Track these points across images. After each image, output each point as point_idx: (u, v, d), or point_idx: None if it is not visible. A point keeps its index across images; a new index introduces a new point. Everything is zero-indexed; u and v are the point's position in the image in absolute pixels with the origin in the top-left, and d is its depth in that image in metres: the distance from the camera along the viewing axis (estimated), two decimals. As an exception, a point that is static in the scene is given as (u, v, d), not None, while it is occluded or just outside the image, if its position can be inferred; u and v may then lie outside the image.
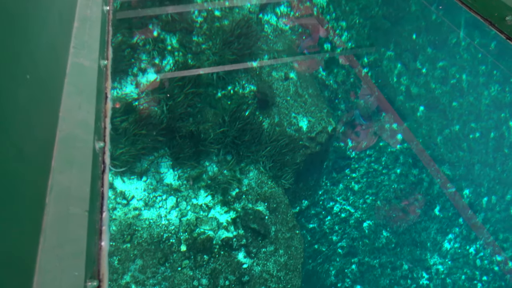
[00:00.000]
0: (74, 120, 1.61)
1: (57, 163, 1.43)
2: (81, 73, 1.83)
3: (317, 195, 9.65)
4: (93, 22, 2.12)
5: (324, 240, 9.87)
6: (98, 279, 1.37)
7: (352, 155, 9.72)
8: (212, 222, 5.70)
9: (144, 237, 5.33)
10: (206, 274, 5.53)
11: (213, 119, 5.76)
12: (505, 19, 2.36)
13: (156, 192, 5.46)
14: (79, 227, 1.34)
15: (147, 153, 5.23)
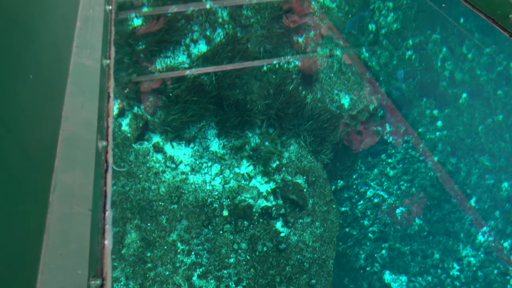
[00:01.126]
0: (77, 120, 1.60)
1: (60, 162, 1.42)
2: (84, 73, 1.82)
3: (351, 179, 9.69)
4: (95, 22, 2.11)
5: (355, 224, 9.92)
6: (102, 277, 1.36)
7: (390, 139, 9.64)
8: (252, 190, 5.96)
9: (190, 200, 5.67)
10: (245, 239, 5.82)
11: (258, 91, 5.96)
12: (509, 16, 2.31)
13: (202, 159, 5.77)
14: (82, 226, 1.33)
15: (196, 121, 5.53)
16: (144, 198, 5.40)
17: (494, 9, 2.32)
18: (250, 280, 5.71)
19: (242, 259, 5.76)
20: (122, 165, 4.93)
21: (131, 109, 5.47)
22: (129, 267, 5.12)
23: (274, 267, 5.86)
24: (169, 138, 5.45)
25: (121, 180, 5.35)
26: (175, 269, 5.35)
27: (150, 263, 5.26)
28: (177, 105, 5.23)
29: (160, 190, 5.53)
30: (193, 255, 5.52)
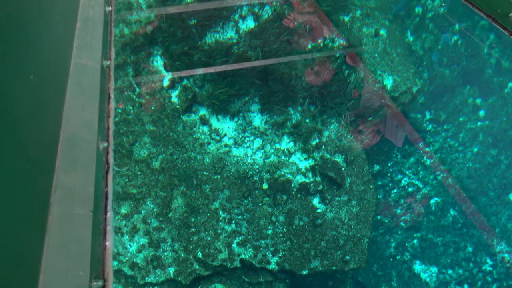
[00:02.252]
0: (77, 121, 1.61)
1: (61, 163, 1.43)
2: (84, 74, 1.84)
3: (386, 166, 9.68)
4: (95, 23, 2.13)
5: (387, 212, 9.94)
6: (103, 278, 1.37)
7: (429, 127, 9.54)
8: (292, 166, 6.18)
9: (232, 171, 5.97)
10: (283, 212, 6.07)
11: (302, 68, 6.12)
12: (509, 15, 2.29)
13: (245, 133, 6.04)
14: (83, 227, 1.34)
15: (242, 95, 5.78)
16: (190, 167, 5.76)
17: (494, 8, 2.33)
18: (286, 251, 5.97)
19: (279, 231, 6.03)
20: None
21: (181, 82, 5.80)
22: (175, 230, 5.51)
23: (310, 241, 6.09)
24: (215, 111, 5.75)
25: (169, 149, 5.72)
26: (217, 236, 5.69)
27: (193, 228, 5.63)
28: (225, 79, 5.49)
29: (205, 160, 5.86)
30: (233, 224, 5.84)
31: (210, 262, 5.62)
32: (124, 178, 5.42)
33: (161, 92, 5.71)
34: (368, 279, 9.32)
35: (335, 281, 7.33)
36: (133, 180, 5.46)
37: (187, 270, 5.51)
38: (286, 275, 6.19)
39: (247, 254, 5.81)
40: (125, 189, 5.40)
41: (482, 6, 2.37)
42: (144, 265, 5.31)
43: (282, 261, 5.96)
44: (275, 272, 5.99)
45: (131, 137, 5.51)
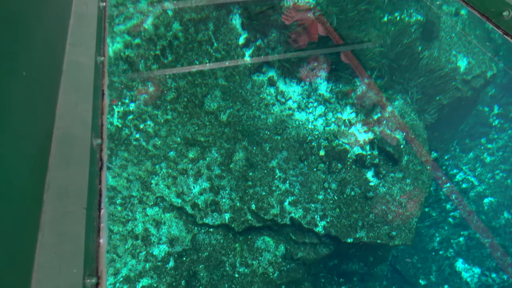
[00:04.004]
0: (71, 118, 1.65)
1: (54, 160, 1.47)
2: (78, 70, 1.89)
3: (442, 158, 9.67)
4: (89, 19, 2.18)
5: (436, 205, 9.98)
6: (97, 276, 1.41)
7: (495, 123, 9.38)
8: (351, 137, 6.51)
9: (292, 134, 6.43)
10: (336, 180, 6.46)
11: (375, 40, 6.35)
12: (502, 14, 2.30)
13: (309, 99, 6.43)
14: (77, 225, 1.38)
15: (312, 60, 6.15)
16: (253, 124, 6.28)
17: (487, 7, 2.38)
18: (334, 218, 6.39)
19: (330, 198, 6.44)
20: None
21: (255, 41, 6.27)
22: (233, 180, 6.11)
23: (359, 212, 6.46)
24: (284, 73, 6.18)
25: (237, 105, 6.26)
26: (271, 192, 6.22)
27: (250, 182, 6.19)
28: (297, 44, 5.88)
29: (268, 120, 6.35)
30: (288, 184, 6.33)
31: (262, 215, 6.18)
32: (194, 126, 6.07)
33: (236, 50, 6.23)
34: (407, 269, 9.53)
35: (376, 258, 7.67)
36: (202, 129, 6.09)
37: (241, 219, 6.12)
38: (331, 241, 6.63)
39: (297, 214, 6.31)
40: (194, 136, 6.05)
41: (476, 4, 2.44)
42: (204, 207, 5.98)
43: (329, 226, 6.40)
44: (321, 235, 6.45)
45: (204, 88, 6.11)
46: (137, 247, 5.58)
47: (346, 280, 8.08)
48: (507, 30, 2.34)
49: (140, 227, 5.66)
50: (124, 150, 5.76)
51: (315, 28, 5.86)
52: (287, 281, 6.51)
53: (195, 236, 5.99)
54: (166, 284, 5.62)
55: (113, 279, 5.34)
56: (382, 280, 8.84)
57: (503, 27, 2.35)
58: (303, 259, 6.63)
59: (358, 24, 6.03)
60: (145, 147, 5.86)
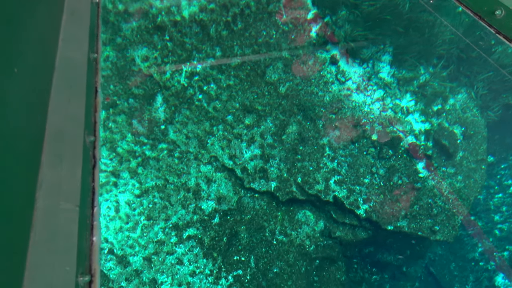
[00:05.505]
0: (63, 115, 1.70)
1: (47, 158, 1.51)
2: (71, 67, 1.92)
3: (497, 167, 9.55)
4: (82, 15, 2.23)
5: (484, 215, 9.89)
6: (90, 274, 1.45)
7: None
8: (407, 125, 6.73)
9: (347, 115, 6.76)
10: (385, 166, 6.74)
11: (447, 28, 6.46)
12: (495, 13, 2.38)
13: (370, 81, 6.71)
14: (70, 222, 1.42)
15: (378, 42, 6.40)
16: (310, 100, 6.68)
17: (480, 6, 2.48)
18: (377, 203, 6.71)
19: (375, 183, 6.75)
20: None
21: (323, 18, 6.61)
22: (284, 151, 6.58)
23: (403, 201, 6.71)
24: (347, 53, 6.48)
25: (297, 79, 6.67)
26: (318, 168, 6.64)
27: (300, 155, 6.64)
28: (368, 22, 6.14)
29: (325, 98, 6.72)
30: (336, 163, 6.71)
31: (307, 190, 6.63)
32: (253, 94, 6.57)
33: (303, 25, 6.61)
34: (442, 274, 9.65)
35: (413, 252, 7.91)
36: (261, 98, 6.58)
37: (286, 189, 6.61)
38: (370, 226, 6.97)
39: (341, 193, 6.69)
40: (252, 104, 6.57)
41: (469, 3, 2.54)
42: (252, 172, 6.53)
43: (371, 210, 6.73)
44: (361, 218, 6.80)
45: (268, 59, 6.57)
46: (188, 199, 6.25)
47: (379, 271, 8.40)
48: (499, 29, 2.48)
49: (193, 181, 6.32)
50: (186, 109, 6.40)
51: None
52: (322, 256, 6.97)
53: (241, 199, 6.57)
54: (209, 237, 6.27)
55: (164, 224, 6.05)
56: (414, 281, 9.06)
57: (496, 26, 2.48)
58: (341, 238, 7.04)
59: (429, 10, 6.17)
60: (206, 108, 6.47)
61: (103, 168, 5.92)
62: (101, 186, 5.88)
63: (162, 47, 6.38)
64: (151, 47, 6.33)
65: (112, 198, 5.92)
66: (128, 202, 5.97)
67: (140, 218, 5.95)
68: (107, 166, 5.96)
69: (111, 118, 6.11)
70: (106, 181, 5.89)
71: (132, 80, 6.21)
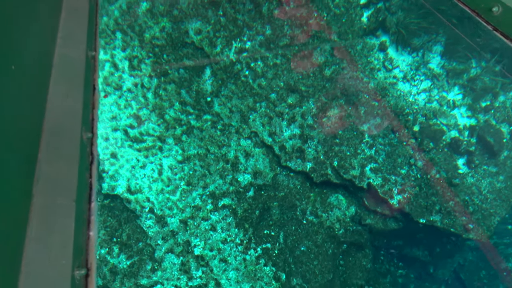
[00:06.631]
0: (61, 111, 1.76)
1: (44, 153, 1.58)
2: (69, 64, 1.99)
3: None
4: (80, 13, 2.31)
5: (523, 223, 9.74)
6: (87, 267, 1.51)
7: None
8: (451, 119, 6.84)
9: (390, 103, 6.95)
10: (424, 159, 6.90)
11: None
12: (492, 10, 2.46)
13: (418, 71, 6.85)
14: (66, 217, 1.48)
15: (431, 31, 6.52)
16: (354, 85, 6.92)
17: (477, 3, 2.56)
18: (412, 195, 6.91)
19: (412, 175, 6.95)
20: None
21: (376, 3, 6.79)
22: (322, 134, 6.89)
23: (439, 196, 6.89)
24: (398, 40, 6.65)
25: (343, 63, 6.92)
26: (355, 154, 6.91)
27: (338, 139, 6.93)
28: (422, 9, 6.27)
29: (370, 84, 6.93)
30: (374, 150, 6.95)
31: (342, 174, 6.94)
32: (298, 74, 6.89)
33: (355, 9, 6.82)
34: (471, 281, 9.70)
35: (443, 250, 8.06)
36: (305, 79, 6.90)
37: (321, 171, 6.94)
38: (402, 217, 7.20)
39: (376, 181, 6.95)
40: (296, 84, 6.90)
41: (467, 0, 2.63)
42: (290, 151, 6.90)
43: (404, 202, 6.95)
44: (394, 208, 7.03)
45: (316, 41, 6.86)
46: (226, 170, 6.73)
47: (405, 266, 8.62)
48: (496, 26, 2.57)
49: (232, 154, 6.78)
50: (232, 83, 6.83)
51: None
52: (350, 241, 7.30)
53: (276, 175, 6.98)
54: (243, 209, 6.75)
55: (201, 190, 6.58)
56: (441, 284, 9.20)
57: (493, 23, 2.56)
58: (371, 226, 7.32)
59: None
60: (251, 84, 6.87)
61: (151, 133, 6.49)
62: (147, 150, 6.47)
63: (215, 22, 6.81)
64: (205, 21, 6.78)
65: (157, 161, 6.49)
66: (171, 167, 6.53)
67: (180, 183, 6.50)
68: (154, 131, 6.52)
69: (162, 86, 6.64)
70: (152, 145, 6.46)
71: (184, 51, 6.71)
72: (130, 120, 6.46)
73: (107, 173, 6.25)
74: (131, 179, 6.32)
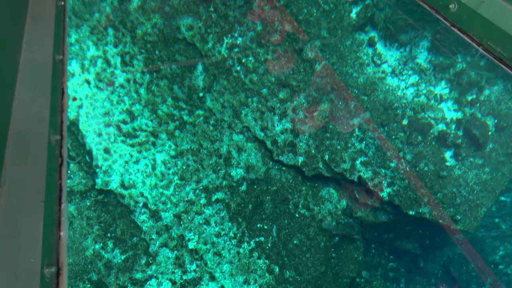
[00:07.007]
0: (28, 115, 1.81)
1: (10, 156, 1.61)
2: (35, 69, 2.03)
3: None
4: (46, 18, 2.35)
5: (509, 218, 10.05)
6: (57, 266, 1.55)
7: None
8: (439, 112, 7.09)
9: (379, 98, 7.17)
10: (412, 152, 7.15)
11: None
12: (449, 7, 2.63)
13: (406, 66, 7.08)
14: (34, 218, 1.51)
15: (418, 27, 6.75)
16: (344, 80, 7.12)
17: (436, 0, 2.67)
18: (401, 188, 7.14)
19: (402, 168, 7.17)
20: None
21: (364, 0, 7.00)
22: (314, 128, 7.07)
23: (428, 188, 7.13)
24: (386, 36, 6.87)
25: (333, 58, 7.13)
26: (346, 148, 7.11)
27: (329, 134, 7.12)
28: (409, 5, 6.51)
29: (359, 79, 7.15)
30: (364, 144, 7.16)
31: (333, 167, 7.13)
32: (289, 70, 7.07)
33: (344, 5, 7.03)
34: (460, 273, 9.98)
35: (432, 242, 8.32)
36: (296, 74, 7.09)
37: (313, 165, 7.13)
38: (392, 209, 7.42)
39: (366, 174, 7.15)
40: (287, 79, 7.08)
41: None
42: (282, 145, 7.07)
43: (394, 194, 7.18)
44: (384, 201, 7.25)
45: (306, 37, 7.04)
46: (219, 165, 6.87)
47: (396, 258, 8.85)
48: (454, 22, 2.73)
49: (225, 148, 6.93)
50: (224, 79, 6.98)
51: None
52: (341, 233, 7.50)
53: (268, 170, 7.14)
54: (236, 203, 6.89)
55: (195, 185, 6.70)
56: (431, 277, 9.46)
57: (450, 19, 2.71)
58: (361, 219, 7.53)
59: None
60: (243, 79, 7.02)
61: (143, 128, 6.59)
62: (140, 145, 6.57)
63: (207, 18, 6.95)
64: (196, 17, 6.91)
65: (150, 156, 6.60)
66: (164, 162, 6.64)
67: (174, 178, 6.61)
68: (147, 126, 6.63)
69: (154, 81, 6.75)
70: (146, 140, 6.57)
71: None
72: (123, 116, 6.56)
73: (101, 168, 6.34)
74: (125, 174, 6.42)
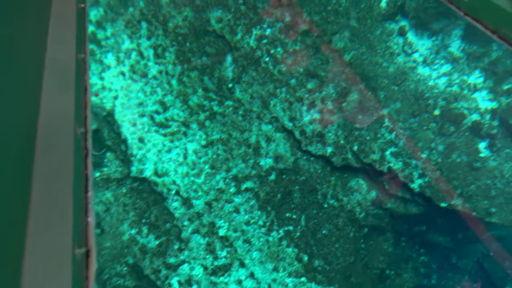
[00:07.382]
0: (54, 110, 1.95)
1: (40, 148, 1.76)
2: (59, 67, 2.15)
3: None
4: (68, 19, 2.50)
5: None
6: (87, 247, 1.69)
7: None
8: (472, 102, 6.99)
9: (410, 87, 7.14)
10: (444, 143, 7.08)
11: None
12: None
13: (438, 55, 7.02)
14: (64, 204, 1.64)
15: (450, 14, 6.67)
16: (374, 70, 7.14)
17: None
18: (432, 179, 7.08)
19: (433, 159, 7.13)
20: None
21: (395, -11, 6.99)
22: (343, 119, 7.13)
23: (460, 180, 7.06)
24: (417, 24, 6.83)
25: (362, 48, 7.15)
26: (376, 138, 7.13)
27: (358, 124, 7.16)
28: (442, -6, 6.45)
29: (389, 69, 7.14)
30: (394, 135, 7.15)
31: (362, 158, 7.18)
32: (318, 60, 7.16)
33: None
34: (495, 271, 9.77)
35: (466, 236, 8.20)
36: (325, 64, 7.16)
37: (341, 156, 7.20)
38: (423, 201, 7.38)
39: (396, 165, 7.16)
40: (316, 69, 7.17)
41: None
42: (310, 136, 7.18)
43: (425, 186, 7.15)
44: (415, 192, 7.23)
45: (335, 27, 7.10)
46: (248, 154, 7.07)
47: (427, 252, 8.79)
48: (467, 11, 2.80)
49: (254, 138, 7.11)
50: (253, 70, 7.15)
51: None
52: (370, 225, 7.53)
53: (297, 160, 7.27)
54: (264, 192, 7.07)
55: (225, 174, 6.93)
56: (464, 274, 9.32)
57: (464, 9, 2.82)
58: (391, 210, 7.54)
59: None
60: (271, 70, 7.17)
61: (175, 118, 6.88)
62: (172, 135, 6.86)
63: (236, 10, 7.13)
64: (226, 9, 7.12)
65: (182, 146, 6.88)
66: (195, 151, 6.90)
67: (204, 166, 6.87)
68: (179, 116, 6.91)
69: (185, 73, 7.02)
70: (177, 130, 6.85)
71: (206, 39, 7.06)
72: (156, 106, 6.86)
73: (135, 157, 6.67)
74: (158, 163, 6.73)
